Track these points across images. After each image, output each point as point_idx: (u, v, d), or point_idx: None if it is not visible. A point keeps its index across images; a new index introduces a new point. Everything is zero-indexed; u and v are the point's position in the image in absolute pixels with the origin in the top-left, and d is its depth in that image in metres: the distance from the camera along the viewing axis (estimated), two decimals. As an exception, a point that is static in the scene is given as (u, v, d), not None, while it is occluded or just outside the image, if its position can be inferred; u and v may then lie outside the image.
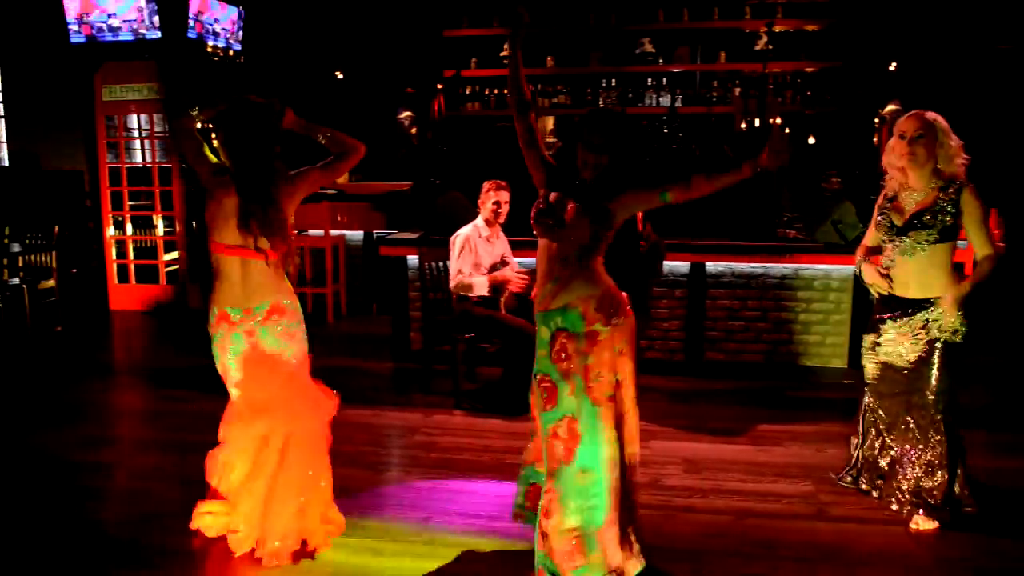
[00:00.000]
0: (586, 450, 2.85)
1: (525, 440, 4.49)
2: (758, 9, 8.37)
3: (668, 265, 5.46)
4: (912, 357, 3.58)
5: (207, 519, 3.36)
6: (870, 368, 3.77)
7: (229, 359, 3.21)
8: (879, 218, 3.65)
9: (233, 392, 3.28)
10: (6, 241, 7.61)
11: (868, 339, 3.76)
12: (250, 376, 3.21)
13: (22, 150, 13.06)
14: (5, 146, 13.23)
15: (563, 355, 2.86)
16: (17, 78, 13.02)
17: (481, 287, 4.95)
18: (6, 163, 13.15)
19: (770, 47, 8.08)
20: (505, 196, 5.00)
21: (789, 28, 8.46)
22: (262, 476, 3.22)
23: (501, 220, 5.09)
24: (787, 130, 3.63)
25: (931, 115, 3.47)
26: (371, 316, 7.90)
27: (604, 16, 8.68)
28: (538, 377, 2.94)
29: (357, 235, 8.15)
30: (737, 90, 8.58)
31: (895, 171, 3.56)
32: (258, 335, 3.15)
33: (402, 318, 6.23)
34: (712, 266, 5.80)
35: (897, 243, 3.55)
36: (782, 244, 5.75)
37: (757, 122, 8.06)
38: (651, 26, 8.65)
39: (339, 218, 7.93)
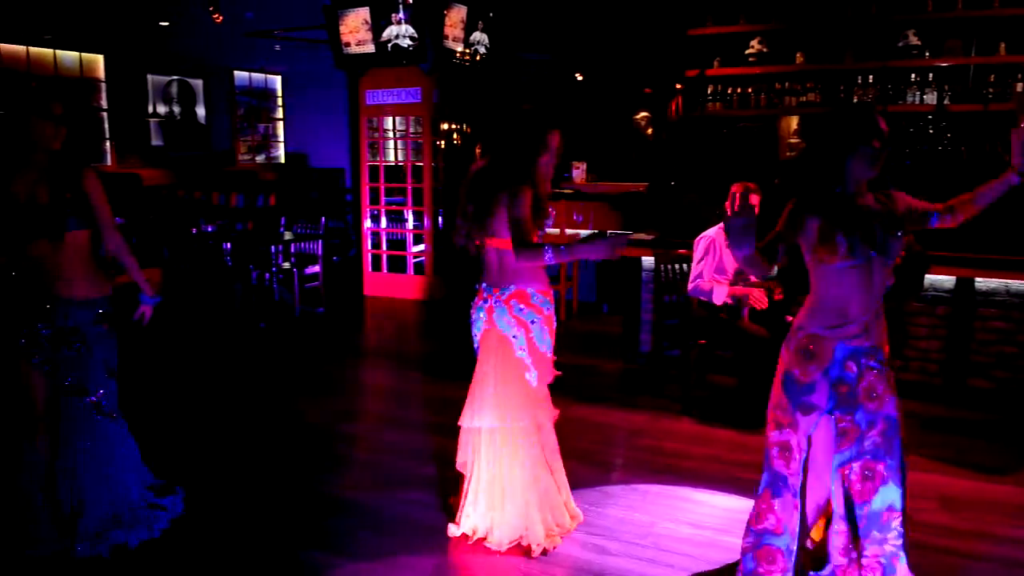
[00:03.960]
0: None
1: (756, 454, 4.33)
2: (1051, -7, 7.38)
3: (929, 279, 4.98)
4: None
5: (453, 528, 3.50)
6: None
7: (475, 332, 3.40)
8: None
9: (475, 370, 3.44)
10: (282, 230, 8.56)
11: None
12: (483, 355, 3.36)
13: (296, 150, 14.66)
14: (282, 146, 14.91)
15: (873, 394, 2.71)
16: (293, 85, 14.60)
17: (719, 296, 4.79)
18: (283, 161, 14.81)
19: (1064, 36, 7.10)
20: (753, 199, 4.80)
21: (1089, 13, 7.38)
22: (484, 467, 3.37)
23: (747, 224, 4.90)
24: None
25: None
26: (601, 315, 7.96)
27: (863, 7, 8.08)
28: (836, 415, 2.76)
29: (591, 234, 8.24)
30: (1019, 85, 7.63)
31: None
32: (495, 313, 3.28)
33: (633, 319, 6.21)
34: (982, 282, 5.20)
35: None
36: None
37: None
38: (917, 16, 7.92)
39: (574, 217, 8.07)
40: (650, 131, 11.01)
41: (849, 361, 2.70)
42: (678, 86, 9.00)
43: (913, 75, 8.00)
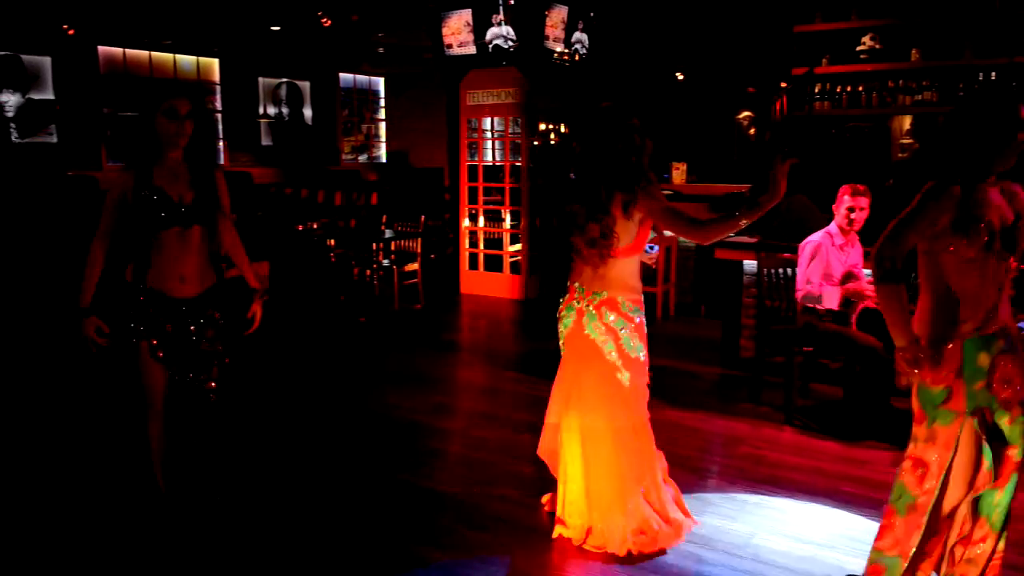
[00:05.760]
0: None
1: (862, 468, 4.19)
2: None
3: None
4: None
5: (559, 529, 3.49)
6: None
7: (560, 330, 3.41)
8: None
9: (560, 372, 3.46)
10: (383, 228, 8.77)
11: None
12: (568, 355, 3.39)
13: (397, 150, 15.00)
14: (384, 146, 15.28)
15: (1006, 383, 2.56)
16: (396, 87, 14.93)
17: (831, 299, 4.62)
18: (384, 160, 15.18)
19: None
20: (863, 202, 4.62)
21: None
22: (573, 467, 3.38)
23: (856, 228, 4.71)
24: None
25: None
26: (699, 319, 7.81)
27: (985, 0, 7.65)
28: (977, 416, 2.58)
29: (689, 236, 8.10)
30: None
31: None
32: (585, 317, 3.29)
33: (733, 324, 6.07)
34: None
35: None
36: None
37: None
38: (1048, 9, 7.45)
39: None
40: (752, 131, 10.77)
41: (981, 353, 2.54)
42: (783, 85, 8.75)
43: (1041, 71, 7.53)
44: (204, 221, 3.29)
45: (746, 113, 10.75)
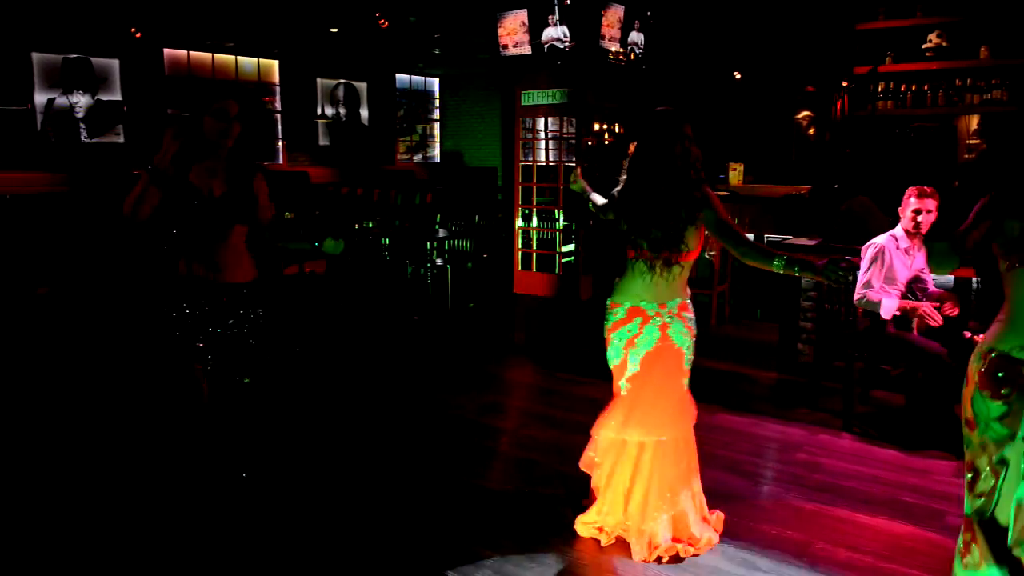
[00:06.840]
0: None
1: (922, 477, 4.08)
2: None
3: None
4: None
5: (582, 528, 3.52)
6: None
7: (634, 352, 3.29)
8: None
9: (623, 387, 3.35)
10: (436, 227, 8.85)
11: None
12: (649, 370, 3.29)
13: (451, 150, 15.09)
14: (438, 146, 15.38)
15: None
16: (451, 87, 15.03)
17: (888, 310, 4.49)
18: (438, 160, 15.29)
19: None
20: (930, 204, 4.47)
21: None
22: (639, 478, 3.35)
23: (923, 231, 4.57)
24: None
25: None
26: (755, 322, 7.69)
27: (1061, -5, 7.37)
28: None
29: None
30: None
31: None
32: (671, 329, 3.26)
33: (791, 327, 5.96)
34: None
35: None
36: None
37: None
38: None
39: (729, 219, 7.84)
40: (812, 131, 10.55)
41: None
42: (845, 84, 8.55)
43: (1119, 69, 7.23)
44: (238, 218, 3.34)
45: (805, 113, 10.53)
